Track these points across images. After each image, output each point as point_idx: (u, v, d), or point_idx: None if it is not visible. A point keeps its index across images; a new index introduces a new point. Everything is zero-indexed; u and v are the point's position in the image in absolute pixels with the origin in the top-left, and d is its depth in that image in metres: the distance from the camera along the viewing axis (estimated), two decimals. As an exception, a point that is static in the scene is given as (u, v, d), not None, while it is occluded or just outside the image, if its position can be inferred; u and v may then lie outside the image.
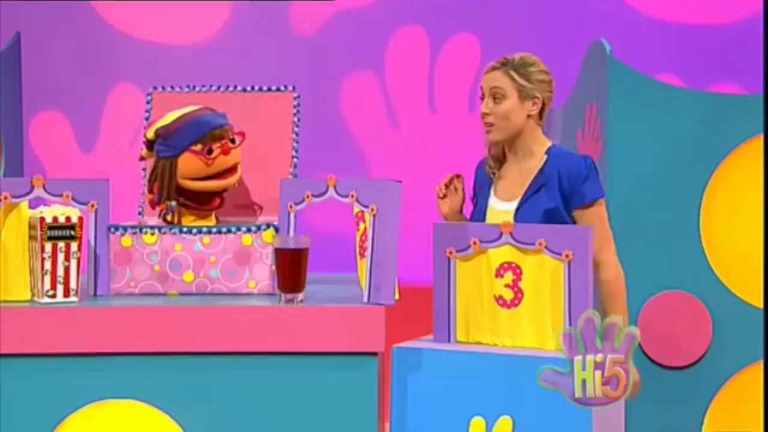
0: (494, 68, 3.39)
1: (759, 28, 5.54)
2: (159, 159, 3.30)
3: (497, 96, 3.37)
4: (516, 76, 3.36)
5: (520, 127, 3.38)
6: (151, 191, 3.32)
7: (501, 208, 3.38)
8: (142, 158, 3.41)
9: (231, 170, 3.31)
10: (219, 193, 3.35)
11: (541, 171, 3.37)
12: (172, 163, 3.27)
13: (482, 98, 3.41)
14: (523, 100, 3.36)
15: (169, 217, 3.29)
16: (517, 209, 3.35)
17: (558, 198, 3.33)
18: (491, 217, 3.38)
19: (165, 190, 3.28)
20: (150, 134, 3.31)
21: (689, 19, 5.79)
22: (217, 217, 3.38)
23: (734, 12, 5.79)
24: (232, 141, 3.28)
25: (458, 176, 3.49)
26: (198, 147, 3.25)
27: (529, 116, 3.37)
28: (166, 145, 3.27)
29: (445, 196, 3.48)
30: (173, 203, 3.28)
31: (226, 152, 3.26)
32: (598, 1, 5.77)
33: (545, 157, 3.38)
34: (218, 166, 3.28)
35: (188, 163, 3.26)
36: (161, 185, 3.28)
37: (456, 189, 3.48)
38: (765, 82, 4.27)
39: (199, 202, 3.32)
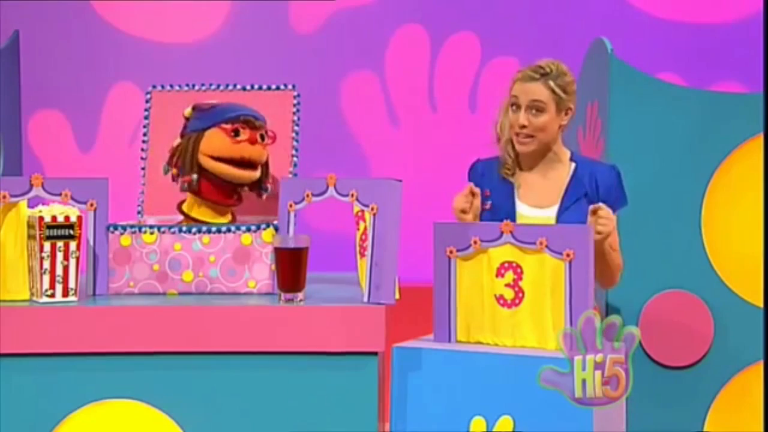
0: (533, 79, 3.35)
1: (759, 26, 5.53)
2: (184, 137, 3.30)
3: (537, 108, 3.34)
4: (556, 89, 3.34)
5: (553, 138, 3.38)
6: (174, 164, 3.32)
7: (533, 215, 3.36)
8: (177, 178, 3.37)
9: (254, 165, 3.30)
10: (236, 188, 3.33)
11: (575, 179, 3.37)
12: (197, 138, 3.27)
13: (514, 106, 3.37)
14: (559, 111, 3.36)
15: (185, 188, 3.30)
16: (558, 218, 3.34)
17: None
18: None
19: (188, 163, 3.27)
20: (188, 111, 3.33)
21: (690, 17, 5.78)
22: (233, 215, 3.36)
23: (735, 10, 5.78)
24: (262, 137, 3.29)
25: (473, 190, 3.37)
26: (228, 126, 3.26)
27: (560, 126, 3.37)
28: (199, 119, 3.29)
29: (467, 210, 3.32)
30: (195, 176, 3.27)
31: (251, 141, 3.27)
32: (599, 0, 5.76)
33: (572, 164, 3.40)
34: (240, 151, 3.26)
35: (213, 138, 3.26)
36: (184, 158, 3.28)
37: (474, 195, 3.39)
38: (765, 81, 4.26)
39: (218, 196, 3.30)
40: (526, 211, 3.39)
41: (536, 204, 3.39)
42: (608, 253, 3.32)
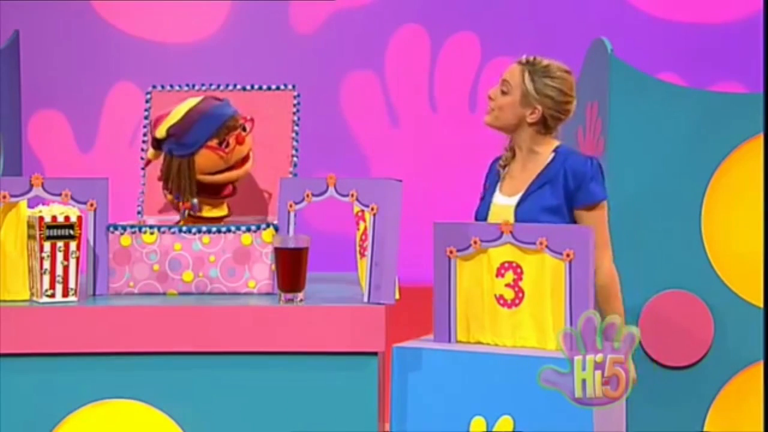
0: (519, 62, 3.43)
1: (759, 26, 5.53)
2: (173, 157, 3.27)
3: (504, 88, 3.41)
4: (527, 79, 3.37)
5: (511, 125, 3.40)
6: (170, 191, 3.29)
7: (503, 203, 3.40)
8: (148, 162, 3.37)
9: (244, 159, 3.31)
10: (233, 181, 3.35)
11: (546, 168, 3.37)
12: (189, 162, 3.25)
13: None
14: (523, 104, 3.37)
15: (187, 214, 3.29)
16: (518, 204, 3.35)
17: (561, 196, 3.33)
18: (493, 213, 3.39)
19: (186, 189, 3.25)
20: (161, 133, 3.27)
21: (690, 17, 5.78)
22: (229, 206, 3.37)
23: (735, 10, 5.78)
24: (243, 129, 3.29)
25: None
26: (214, 142, 3.25)
27: (529, 124, 3.38)
28: (179, 144, 3.24)
29: None
30: (195, 200, 3.27)
31: (240, 142, 3.27)
32: (599, 0, 5.76)
33: (552, 155, 3.39)
34: (234, 156, 3.28)
35: (205, 159, 3.25)
36: (180, 184, 3.26)
37: None
38: (765, 81, 4.26)
39: (213, 192, 3.31)
40: (500, 200, 3.42)
41: (509, 193, 3.41)
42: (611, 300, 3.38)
